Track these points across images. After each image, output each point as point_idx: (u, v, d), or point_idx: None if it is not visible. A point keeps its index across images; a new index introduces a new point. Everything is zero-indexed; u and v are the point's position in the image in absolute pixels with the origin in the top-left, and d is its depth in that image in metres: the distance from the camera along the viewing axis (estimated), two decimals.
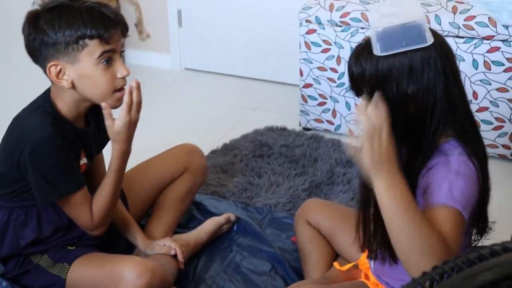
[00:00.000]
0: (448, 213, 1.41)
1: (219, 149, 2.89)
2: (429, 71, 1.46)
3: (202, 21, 3.78)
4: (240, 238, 2.25)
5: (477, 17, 2.60)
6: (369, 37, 1.53)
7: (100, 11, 1.71)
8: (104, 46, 1.70)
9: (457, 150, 1.48)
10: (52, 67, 1.72)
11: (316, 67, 2.94)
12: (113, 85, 1.75)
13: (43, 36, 1.70)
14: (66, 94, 1.77)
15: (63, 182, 1.76)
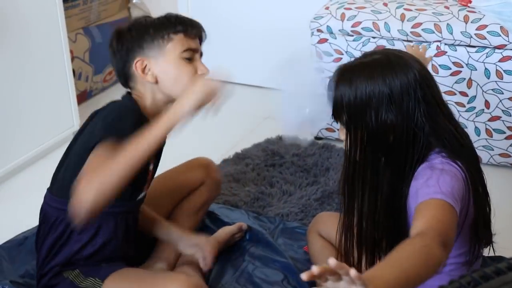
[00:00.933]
0: (437, 203, 1.37)
1: (231, 158, 2.90)
2: (409, 100, 1.47)
3: (213, 31, 3.77)
4: (252, 248, 2.26)
5: (489, 26, 2.60)
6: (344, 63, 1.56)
7: (184, 17, 1.85)
8: (189, 42, 1.81)
9: (439, 155, 1.49)
10: (139, 63, 1.79)
11: (327, 77, 2.94)
12: (193, 80, 1.78)
13: (128, 46, 1.80)
14: (148, 92, 1.82)
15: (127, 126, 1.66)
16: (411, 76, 1.47)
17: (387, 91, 1.46)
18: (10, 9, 2.67)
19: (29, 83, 2.83)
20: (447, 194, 1.39)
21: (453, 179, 1.43)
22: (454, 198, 1.40)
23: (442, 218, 1.34)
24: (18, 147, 2.83)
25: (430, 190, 1.41)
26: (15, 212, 2.59)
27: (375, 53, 1.57)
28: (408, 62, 1.51)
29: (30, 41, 2.80)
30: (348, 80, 1.50)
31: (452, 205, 1.38)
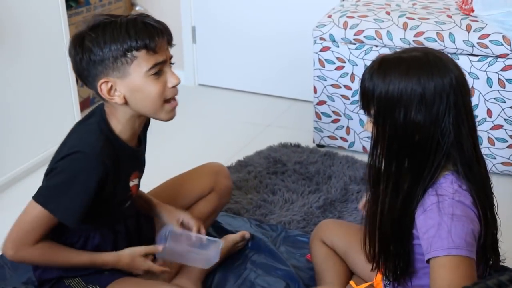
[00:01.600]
0: (453, 262, 1.41)
1: (233, 165, 2.90)
2: (440, 103, 1.44)
3: (216, 38, 3.80)
4: (254, 256, 2.26)
5: (491, 35, 2.61)
6: (384, 54, 1.54)
7: (143, 21, 1.69)
8: (153, 56, 1.69)
9: (451, 187, 1.46)
10: (103, 84, 1.69)
11: (330, 85, 2.95)
12: (164, 95, 1.74)
13: (90, 55, 1.67)
14: (120, 111, 1.75)
15: (61, 200, 1.70)
16: (447, 81, 1.45)
17: (419, 90, 1.44)
18: (13, 16, 2.68)
19: (32, 90, 2.83)
20: (462, 246, 1.41)
21: (465, 224, 1.43)
22: (468, 246, 1.41)
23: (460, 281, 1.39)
24: (20, 154, 2.83)
25: (444, 244, 1.42)
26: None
27: (415, 50, 1.53)
28: (447, 65, 1.48)
29: (33, 48, 2.81)
30: (382, 73, 1.47)
31: (468, 256, 1.41)
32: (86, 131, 1.76)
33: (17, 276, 2.14)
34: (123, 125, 1.77)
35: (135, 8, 3.89)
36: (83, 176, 1.69)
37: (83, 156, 1.69)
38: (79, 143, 1.72)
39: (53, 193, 1.71)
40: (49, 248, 1.77)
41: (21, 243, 1.74)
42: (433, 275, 1.44)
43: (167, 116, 1.79)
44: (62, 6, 2.92)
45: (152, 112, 1.76)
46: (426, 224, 1.46)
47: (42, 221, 1.73)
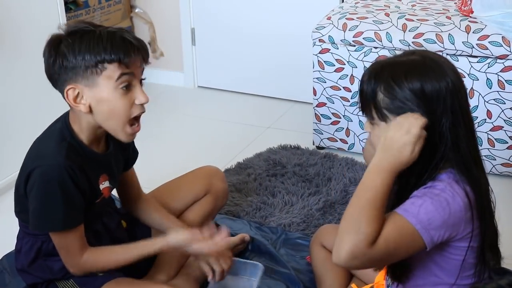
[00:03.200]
0: (398, 220, 1.40)
1: (233, 168, 2.90)
2: (437, 107, 1.45)
3: (215, 40, 3.80)
4: (254, 258, 2.25)
5: (491, 36, 2.61)
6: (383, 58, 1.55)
7: (122, 36, 1.69)
8: (123, 69, 1.68)
9: (450, 179, 1.47)
10: (70, 90, 1.70)
11: (329, 86, 2.95)
12: (130, 112, 1.73)
13: (63, 60, 1.68)
14: (83, 120, 1.76)
15: (58, 217, 1.73)
16: (443, 84, 1.46)
17: (418, 93, 1.45)
18: (12, 18, 2.68)
19: (31, 93, 2.83)
20: (422, 221, 1.41)
21: (439, 210, 1.43)
22: (428, 226, 1.41)
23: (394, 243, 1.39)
24: (21, 157, 2.82)
25: (409, 208, 1.42)
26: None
27: (413, 53, 1.55)
28: (444, 69, 1.49)
29: (32, 51, 2.80)
30: (383, 76, 1.49)
31: (418, 232, 1.41)
32: (49, 138, 1.79)
33: (16, 281, 2.13)
34: (87, 132, 1.78)
35: (135, 10, 3.89)
36: (60, 187, 1.71)
37: (50, 169, 1.71)
38: (44, 154, 1.75)
39: (47, 215, 1.74)
40: (94, 255, 1.81)
41: (73, 263, 1.80)
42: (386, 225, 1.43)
43: (125, 138, 1.78)
44: (61, 8, 2.92)
45: (112, 128, 1.76)
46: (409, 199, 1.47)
47: (63, 239, 1.77)
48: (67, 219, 1.74)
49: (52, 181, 1.70)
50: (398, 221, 1.41)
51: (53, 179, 1.70)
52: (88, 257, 1.79)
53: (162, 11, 3.90)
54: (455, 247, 1.48)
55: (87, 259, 1.79)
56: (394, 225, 1.40)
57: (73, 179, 1.72)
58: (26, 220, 1.83)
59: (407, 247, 1.42)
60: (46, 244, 1.84)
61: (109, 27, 1.73)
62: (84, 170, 1.76)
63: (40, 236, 1.84)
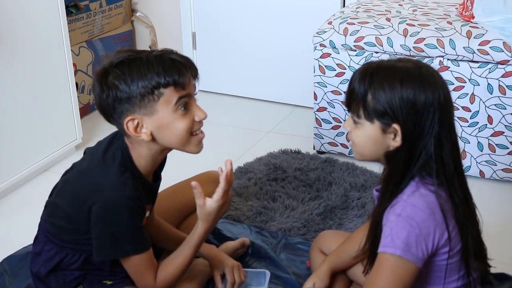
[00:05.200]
0: (389, 262, 1.48)
1: (233, 172, 2.89)
2: (427, 117, 1.47)
3: (216, 44, 3.80)
4: (255, 263, 2.25)
5: (492, 42, 2.60)
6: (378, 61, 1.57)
7: (170, 58, 1.67)
8: (180, 92, 1.67)
9: (408, 190, 1.50)
10: (130, 122, 1.67)
11: (330, 91, 2.95)
12: (192, 130, 1.74)
13: (116, 92, 1.65)
14: (144, 147, 1.74)
15: (129, 242, 1.73)
16: (436, 96, 1.48)
17: (411, 101, 1.47)
18: (13, 22, 2.68)
19: (32, 97, 2.83)
20: (398, 246, 1.46)
21: (409, 226, 1.46)
22: (407, 247, 1.46)
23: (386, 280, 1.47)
24: (21, 160, 2.83)
25: (384, 241, 1.48)
26: (18, 226, 2.58)
27: (408, 61, 1.56)
28: (438, 81, 1.51)
29: (33, 54, 2.81)
30: (376, 78, 1.50)
31: (402, 257, 1.46)
32: (110, 167, 1.74)
33: (16, 283, 2.14)
34: (145, 160, 1.77)
35: (136, 14, 3.90)
36: (127, 214, 1.71)
37: (115, 200, 1.70)
38: (107, 185, 1.71)
39: (117, 244, 1.74)
40: (163, 270, 1.82)
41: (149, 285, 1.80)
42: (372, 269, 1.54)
43: (196, 149, 1.79)
44: (62, 12, 2.92)
45: (180, 146, 1.75)
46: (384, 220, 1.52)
47: (138, 263, 1.78)
48: (140, 243, 1.76)
49: (121, 211, 1.70)
50: (380, 260, 1.49)
51: (121, 209, 1.69)
52: (159, 275, 1.79)
53: (163, 15, 3.90)
54: (438, 254, 1.52)
55: (159, 276, 1.79)
56: (379, 264, 1.49)
57: (138, 207, 1.73)
58: (62, 234, 1.83)
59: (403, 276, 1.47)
60: (70, 257, 1.83)
61: (153, 51, 1.71)
62: (141, 198, 1.76)
63: (66, 247, 1.82)
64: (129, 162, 1.75)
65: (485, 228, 1.62)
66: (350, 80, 1.55)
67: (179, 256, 1.81)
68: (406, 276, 1.47)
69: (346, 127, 1.59)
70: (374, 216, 1.59)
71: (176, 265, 1.81)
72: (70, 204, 1.79)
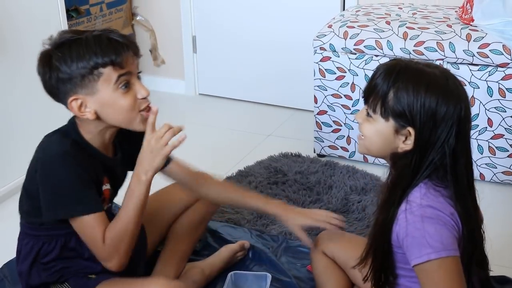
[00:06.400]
0: (435, 265, 1.44)
1: (234, 175, 2.90)
2: (444, 128, 1.47)
3: (216, 47, 3.81)
4: (255, 267, 2.25)
5: (491, 44, 2.61)
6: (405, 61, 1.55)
7: (108, 37, 1.70)
8: (119, 70, 1.70)
9: (418, 192, 1.50)
10: (73, 102, 1.72)
11: (330, 94, 2.95)
12: (135, 107, 1.75)
13: (58, 73, 1.70)
14: (90, 124, 1.78)
15: (73, 202, 1.72)
16: (457, 110, 1.48)
17: (433, 109, 1.47)
18: (14, 26, 2.69)
19: (32, 100, 2.83)
20: (439, 248, 1.44)
21: (437, 225, 1.46)
22: (446, 246, 1.45)
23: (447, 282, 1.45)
24: (22, 164, 2.81)
25: (422, 250, 1.45)
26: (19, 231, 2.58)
27: (437, 68, 1.55)
28: (461, 95, 1.50)
29: (34, 58, 2.80)
30: (402, 78, 1.50)
31: (449, 256, 1.45)
32: (51, 136, 1.81)
33: None
34: (93, 135, 1.79)
35: (136, 18, 3.91)
36: (67, 170, 1.71)
37: (54, 155, 1.72)
38: (46, 146, 1.78)
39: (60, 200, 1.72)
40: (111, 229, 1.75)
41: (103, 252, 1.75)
42: (421, 281, 1.49)
43: (140, 127, 1.78)
44: (63, 16, 2.93)
45: (126, 123, 1.77)
46: (400, 232, 1.49)
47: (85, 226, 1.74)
48: (84, 202, 1.73)
49: (59, 166, 1.71)
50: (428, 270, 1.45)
51: (60, 164, 1.71)
52: (106, 234, 1.74)
53: (163, 19, 3.91)
54: None
55: (106, 235, 1.74)
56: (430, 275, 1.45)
57: (78, 165, 1.72)
58: (31, 220, 1.84)
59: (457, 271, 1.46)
60: (46, 245, 1.83)
61: (94, 31, 1.74)
62: (88, 165, 1.76)
63: (41, 236, 1.83)
64: (73, 132, 1.79)
65: (485, 231, 1.62)
66: (374, 74, 1.55)
67: (122, 209, 1.77)
68: (458, 270, 1.46)
69: (357, 118, 1.59)
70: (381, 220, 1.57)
71: (121, 220, 1.74)
72: (27, 179, 1.83)
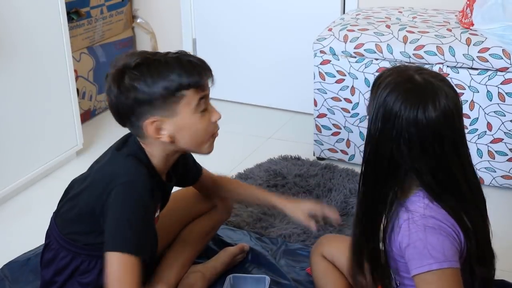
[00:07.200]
0: (435, 276, 1.44)
1: (233, 178, 2.90)
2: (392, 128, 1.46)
3: (216, 50, 3.82)
4: (254, 269, 2.25)
5: (491, 49, 2.62)
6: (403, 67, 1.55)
7: (188, 60, 1.68)
8: (200, 93, 1.67)
9: (422, 202, 1.49)
10: (149, 125, 1.66)
11: (330, 97, 2.96)
12: (210, 131, 1.74)
13: (136, 94, 1.63)
14: (158, 148, 1.73)
15: (132, 238, 1.64)
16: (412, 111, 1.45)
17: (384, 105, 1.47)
18: (15, 28, 2.69)
19: (33, 102, 2.84)
20: (441, 259, 1.43)
21: (439, 236, 1.45)
22: (447, 257, 1.44)
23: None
24: (22, 166, 2.83)
25: (424, 260, 1.44)
26: (19, 232, 2.58)
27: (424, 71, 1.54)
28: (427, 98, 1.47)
29: (34, 61, 2.82)
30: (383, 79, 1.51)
31: (449, 267, 1.44)
32: (123, 160, 1.72)
33: None
34: (158, 159, 1.76)
35: (136, 21, 3.91)
36: (142, 206, 1.66)
37: (135, 184, 1.66)
38: (124, 172, 1.69)
39: (121, 233, 1.65)
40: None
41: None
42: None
43: (209, 150, 1.79)
44: (64, 19, 2.93)
45: (197, 147, 1.76)
46: (402, 241, 1.49)
47: (124, 267, 1.63)
48: (138, 243, 1.65)
49: (136, 197, 1.65)
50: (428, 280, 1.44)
51: (137, 195, 1.65)
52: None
53: (164, 21, 3.92)
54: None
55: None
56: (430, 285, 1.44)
57: (152, 198, 1.68)
58: (75, 238, 1.80)
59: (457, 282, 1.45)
60: (86, 264, 1.80)
61: (168, 52, 1.70)
62: (156, 196, 1.74)
63: (82, 254, 1.80)
64: (144, 158, 1.74)
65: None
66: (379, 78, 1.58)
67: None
68: (458, 281, 1.45)
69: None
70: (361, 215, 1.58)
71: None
72: (88, 200, 1.74)
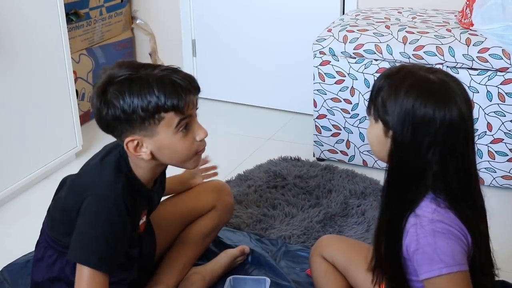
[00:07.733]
0: (446, 280, 1.43)
1: (233, 179, 2.90)
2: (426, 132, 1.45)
3: (216, 51, 3.81)
4: (254, 271, 2.25)
5: (491, 49, 2.61)
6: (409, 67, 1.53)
7: (171, 79, 1.64)
8: (180, 115, 1.66)
9: (429, 207, 1.48)
10: (130, 143, 1.67)
11: (330, 98, 2.95)
12: (193, 149, 1.73)
13: (115, 111, 1.63)
14: (143, 162, 1.74)
15: (97, 252, 1.66)
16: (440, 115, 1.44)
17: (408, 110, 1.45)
18: (14, 30, 2.69)
19: (32, 104, 2.84)
20: (451, 263, 1.43)
21: (448, 240, 1.45)
22: (457, 261, 1.44)
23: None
24: (21, 168, 2.83)
25: (433, 265, 1.44)
26: (18, 234, 2.58)
27: (438, 72, 1.51)
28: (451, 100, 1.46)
29: (33, 62, 2.82)
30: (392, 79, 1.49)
31: (459, 271, 1.43)
32: (105, 168, 1.74)
33: None
34: (144, 170, 1.76)
35: (136, 22, 3.91)
36: (109, 222, 1.67)
37: (104, 198, 1.68)
38: (100, 182, 1.71)
39: (85, 246, 1.67)
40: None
41: None
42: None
43: (193, 165, 1.80)
44: (63, 20, 2.93)
45: (180, 164, 1.77)
46: (410, 245, 1.48)
47: (88, 279, 1.66)
48: (102, 259, 1.66)
49: (104, 211, 1.67)
50: (437, 285, 1.44)
51: (105, 209, 1.67)
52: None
53: (163, 22, 3.91)
54: None
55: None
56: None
57: (123, 218, 1.69)
58: (59, 238, 1.81)
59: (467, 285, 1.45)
60: (72, 265, 1.78)
61: (155, 68, 1.67)
62: (134, 204, 1.74)
63: (66, 253, 1.78)
64: (125, 167, 1.75)
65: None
66: (375, 83, 1.55)
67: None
68: (468, 284, 1.45)
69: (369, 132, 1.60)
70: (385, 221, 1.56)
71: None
72: (68, 200, 1.77)
